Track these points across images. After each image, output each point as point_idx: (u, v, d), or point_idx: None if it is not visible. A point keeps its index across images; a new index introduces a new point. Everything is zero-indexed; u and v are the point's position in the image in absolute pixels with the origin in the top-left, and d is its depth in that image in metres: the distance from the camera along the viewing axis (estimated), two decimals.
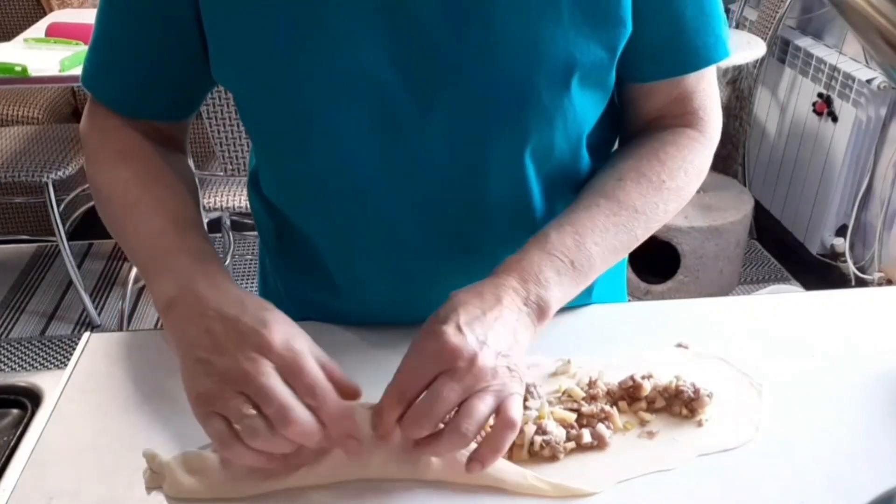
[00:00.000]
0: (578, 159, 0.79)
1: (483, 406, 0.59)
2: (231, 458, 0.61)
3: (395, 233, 0.78)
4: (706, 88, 0.81)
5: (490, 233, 0.79)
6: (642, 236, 0.75)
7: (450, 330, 0.60)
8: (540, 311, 0.66)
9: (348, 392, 0.63)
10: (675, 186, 0.76)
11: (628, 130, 0.84)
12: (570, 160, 0.78)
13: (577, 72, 0.71)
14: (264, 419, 0.57)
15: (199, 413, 0.60)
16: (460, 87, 0.70)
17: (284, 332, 0.61)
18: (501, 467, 0.66)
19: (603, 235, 0.71)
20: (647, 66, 0.77)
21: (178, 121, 0.83)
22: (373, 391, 0.75)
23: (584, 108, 0.75)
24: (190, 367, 0.61)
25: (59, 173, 2.50)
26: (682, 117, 0.80)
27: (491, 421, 0.61)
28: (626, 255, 0.77)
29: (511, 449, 0.68)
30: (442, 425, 0.61)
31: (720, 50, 0.77)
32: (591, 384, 0.74)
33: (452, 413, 0.60)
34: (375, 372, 0.78)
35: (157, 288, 0.67)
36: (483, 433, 0.62)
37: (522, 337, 0.64)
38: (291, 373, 0.59)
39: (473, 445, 0.62)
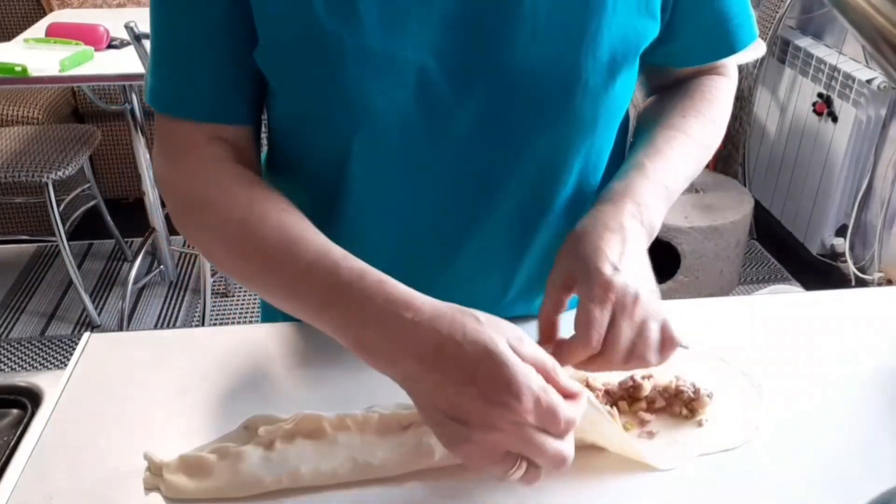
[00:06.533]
0: (614, 141, 0.82)
1: (653, 333, 0.67)
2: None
3: (409, 227, 0.78)
4: None
5: (507, 220, 0.79)
6: (702, 166, 0.83)
7: (609, 271, 0.66)
8: (650, 232, 0.73)
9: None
10: (721, 124, 0.85)
11: (660, 86, 0.90)
12: (607, 142, 0.81)
13: (620, 58, 0.73)
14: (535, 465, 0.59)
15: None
16: (502, 74, 0.70)
17: (529, 386, 0.57)
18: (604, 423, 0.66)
19: (682, 163, 0.78)
20: (688, 55, 0.84)
21: (250, 124, 0.78)
22: (375, 390, 0.75)
23: (624, 90, 0.77)
24: (435, 417, 0.60)
25: (59, 173, 2.50)
26: (712, 71, 0.88)
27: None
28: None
29: None
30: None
31: (752, 30, 0.84)
32: (591, 384, 0.74)
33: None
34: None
35: (353, 323, 0.64)
36: None
37: (645, 258, 0.71)
38: (548, 423, 0.58)
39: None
